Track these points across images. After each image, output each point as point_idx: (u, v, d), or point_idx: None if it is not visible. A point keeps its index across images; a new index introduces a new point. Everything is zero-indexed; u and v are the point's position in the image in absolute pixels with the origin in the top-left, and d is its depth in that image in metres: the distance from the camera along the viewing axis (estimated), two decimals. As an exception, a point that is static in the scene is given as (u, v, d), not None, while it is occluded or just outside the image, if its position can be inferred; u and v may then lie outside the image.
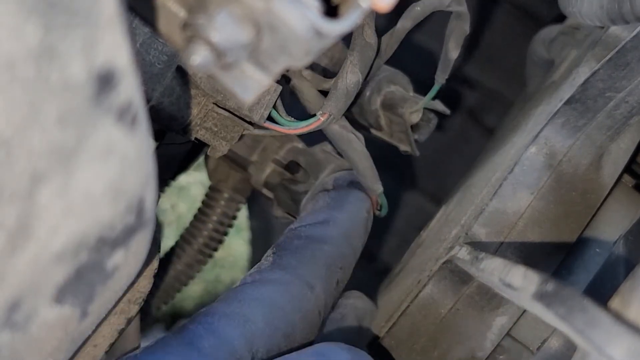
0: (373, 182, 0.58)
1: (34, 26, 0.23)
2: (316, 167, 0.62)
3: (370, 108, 0.60)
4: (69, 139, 0.26)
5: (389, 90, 0.60)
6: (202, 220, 0.74)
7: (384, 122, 0.61)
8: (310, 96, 0.49)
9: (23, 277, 0.28)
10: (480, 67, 1.03)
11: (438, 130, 0.69)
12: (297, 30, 0.27)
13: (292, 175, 0.63)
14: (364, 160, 0.56)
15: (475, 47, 1.02)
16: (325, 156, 0.62)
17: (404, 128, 0.60)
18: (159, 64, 0.38)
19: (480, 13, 1.01)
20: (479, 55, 1.02)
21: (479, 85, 1.03)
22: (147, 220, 0.34)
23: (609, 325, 0.31)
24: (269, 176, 0.64)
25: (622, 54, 0.46)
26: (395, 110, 0.59)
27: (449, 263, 0.51)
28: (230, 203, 0.72)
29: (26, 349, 0.31)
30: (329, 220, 0.55)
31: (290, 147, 0.64)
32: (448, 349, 0.51)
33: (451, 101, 0.61)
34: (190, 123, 0.43)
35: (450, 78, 0.60)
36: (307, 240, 0.53)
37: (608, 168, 0.52)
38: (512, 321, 0.50)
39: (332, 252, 0.53)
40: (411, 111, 0.59)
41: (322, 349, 0.46)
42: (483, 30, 1.01)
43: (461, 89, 1.03)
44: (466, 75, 1.02)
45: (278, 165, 0.64)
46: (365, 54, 0.46)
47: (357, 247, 0.57)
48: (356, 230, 0.57)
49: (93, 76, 0.26)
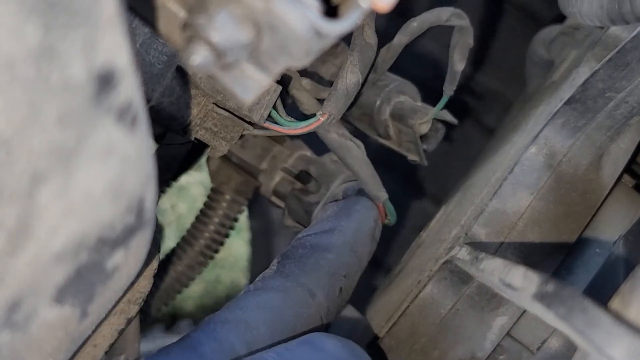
0: (376, 189, 0.58)
1: (34, 26, 0.23)
2: (327, 178, 0.62)
3: (380, 118, 0.60)
4: (69, 139, 0.26)
5: (398, 100, 0.60)
6: (203, 222, 0.74)
7: (392, 131, 0.61)
8: (310, 105, 0.49)
9: (23, 277, 0.28)
10: (480, 67, 1.03)
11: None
12: (297, 30, 0.27)
13: (304, 186, 0.63)
14: (365, 167, 0.56)
15: (475, 46, 1.01)
16: (336, 167, 0.62)
17: (413, 138, 0.60)
18: (159, 64, 0.38)
19: (480, 13, 1.01)
20: (479, 55, 1.02)
21: (479, 85, 1.03)
22: (147, 221, 0.34)
23: (609, 325, 0.31)
24: (278, 184, 0.65)
25: (622, 54, 0.46)
26: (404, 121, 0.59)
27: (449, 263, 0.51)
28: (232, 205, 0.72)
29: (26, 349, 0.31)
30: (334, 229, 0.55)
31: (299, 155, 0.64)
32: (448, 349, 0.51)
33: (451, 101, 0.61)
34: (190, 123, 0.43)
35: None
36: (312, 249, 0.54)
37: (608, 168, 0.52)
38: (512, 321, 0.50)
39: (336, 261, 0.53)
40: (421, 122, 0.59)
41: (312, 337, 0.46)
42: (483, 30, 1.01)
43: (461, 90, 1.03)
44: (466, 75, 1.02)
45: (288, 174, 0.64)
46: (365, 54, 0.46)
47: (362, 255, 0.57)
48: (362, 238, 0.57)
49: (93, 76, 0.26)
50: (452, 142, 1.03)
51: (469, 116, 1.04)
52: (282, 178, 0.64)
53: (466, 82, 1.02)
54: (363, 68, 0.46)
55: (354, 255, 0.55)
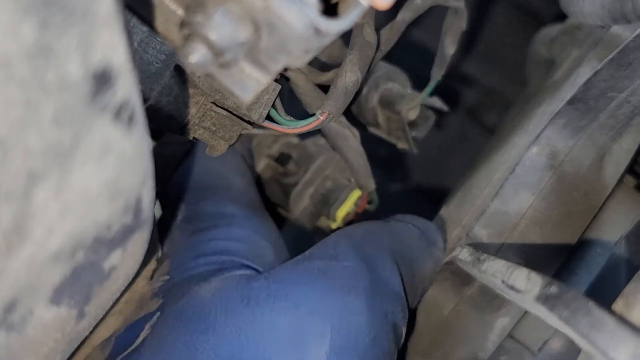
0: (366, 179, 0.58)
1: (30, 25, 0.23)
2: (307, 159, 0.62)
3: (368, 106, 0.60)
4: (65, 138, 0.26)
5: (386, 87, 0.60)
6: None
7: (381, 119, 0.61)
8: (306, 89, 0.48)
9: (19, 277, 0.28)
10: (480, 66, 1.03)
11: (438, 129, 0.69)
12: (296, 28, 0.26)
13: (284, 168, 0.63)
14: (359, 157, 0.56)
15: (475, 46, 1.01)
16: (317, 149, 0.62)
17: (401, 125, 0.60)
18: (157, 63, 0.38)
19: (480, 12, 1.01)
20: (479, 54, 1.02)
21: (479, 84, 1.03)
22: (144, 221, 0.33)
23: (613, 328, 0.31)
24: (263, 171, 0.64)
25: (625, 54, 0.45)
26: (392, 107, 0.59)
27: (450, 264, 0.51)
28: None
29: (22, 350, 0.31)
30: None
31: (284, 142, 0.64)
32: (450, 349, 0.51)
33: (451, 100, 0.61)
34: (188, 122, 0.42)
35: (450, 77, 0.60)
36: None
37: (610, 168, 0.51)
38: (514, 322, 0.50)
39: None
40: (408, 108, 0.59)
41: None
42: (483, 29, 1.01)
43: (461, 87, 1.03)
44: (466, 74, 1.02)
45: (271, 159, 0.64)
46: (364, 52, 0.46)
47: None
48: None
49: (89, 75, 0.25)
50: (452, 141, 1.03)
51: (469, 115, 1.04)
52: (267, 165, 0.64)
53: (466, 80, 1.02)
54: (362, 67, 0.46)
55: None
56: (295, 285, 0.41)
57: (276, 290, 0.40)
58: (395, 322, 0.42)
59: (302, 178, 0.61)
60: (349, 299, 0.40)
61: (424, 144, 0.64)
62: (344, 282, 0.41)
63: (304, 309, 0.39)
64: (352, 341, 0.39)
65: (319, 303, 0.39)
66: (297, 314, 0.38)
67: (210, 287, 0.42)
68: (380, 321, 0.41)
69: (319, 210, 0.62)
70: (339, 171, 0.62)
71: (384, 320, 0.41)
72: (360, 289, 0.41)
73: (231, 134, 0.44)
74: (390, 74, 0.61)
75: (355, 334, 0.39)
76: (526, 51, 0.79)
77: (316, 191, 0.62)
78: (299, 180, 0.61)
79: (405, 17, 0.51)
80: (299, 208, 0.62)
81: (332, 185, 0.62)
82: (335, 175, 0.62)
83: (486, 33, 1.01)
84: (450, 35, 0.56)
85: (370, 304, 0.41)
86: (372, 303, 0.41)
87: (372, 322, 0.40)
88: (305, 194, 0.62)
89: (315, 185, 0.62)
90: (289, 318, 0.38)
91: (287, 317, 0.38)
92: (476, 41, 1.01)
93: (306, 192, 0.62)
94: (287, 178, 0.62)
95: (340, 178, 0.62)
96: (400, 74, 0.62)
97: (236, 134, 0.45)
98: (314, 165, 0.61)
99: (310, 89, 0.48)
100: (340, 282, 0.41)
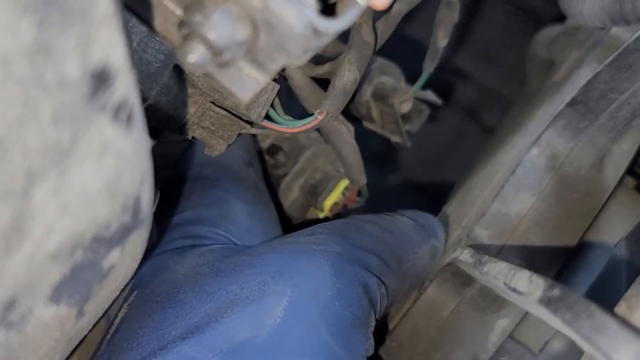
0: (358, 174, 0.59)
1: (29, 24, 0.23)
2: (297, 151, 0.62)
3: (362, 99, 0.60)
4: (64, 137, 0.26)
5: (379, 81, 0.60)
6: None
7: (375, 113, 0.61)
8: (302, 83, 0.48)
9: (18, 276, 0.28)
10: (479, 66, 1.03)
11: (435, 126, 0.69)
12: (294, 28, 0.26)
13: (274, 159, 0.63)
14: (352, 152, 0.56)
15: (474, 45, 1.01)
16: (307, 141, 0.62)
17: (394, 119, 0.60)
18: (156, 62, 0.38)
19: (479, 12, 1.01)
20: (478, 54, 1.02)
21: (478, 84, 1.03)
22: (143, 220, 0.33)
23: (616, 331, 0.31)
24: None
25: (625, 56, 0.45)
26: (385, 100, 0.59)
27: (451, 265, 0.51)
28: None
29: (22, 349, 0.31)
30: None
31: (277, 135, 0.64)
32: (450, 350, 0.50)
33: (450, 100, 0.61)
34: (187, 122, 0.42)
35: (449, 76, 0.60)
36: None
37: (610, 170, 0.51)
38: (514, 323, 0.50)
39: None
40: (401, 101, 0.59)
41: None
42: (482, 29, 1.01)
43: (459, 86, 1.03)
44: (465, 74, 1.02)
45: (264, 153, 0.64)
46: (362, 52, 0.46)
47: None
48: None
49: (88, 74, 0.25)
50: (451, 141, 1.02)
51: (467, 113, 1.03)
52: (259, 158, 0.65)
53: (464, 78, 1.02)
54: (360, 66, 0.46)
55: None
56: (264, 254, 0.43)
57: (245, 260, 0.42)
58: (367, 285, 0.43)
59: (292, 169, 0.61)
60: (314, 259, 0.42)
61: (422, 141, 0.64)
62: (313, 248, 0.43)
63: (267, 274, 0.41)
64: (312, 294, 0.40)
65: (284, 266, 0.41)
66: (261, 277, 0.40)
67: (184, 263, 0.44)
68: (349, 279, 0.42)
69: (308, 202, 0.62)
70: (329, 163, 0.62)
71: (352, 280, 0.42)
72: (331, 253, 0.43)
73: (230, 134, 0.44)
74: (383, 67, 0.61)
75: (317, 286, 0.40)
76: (525, 51, 0.79)
77: (306, 182, 0.62)
78: (288, 172, 0.61)
79: (401, 9, 0.51)
80: (288, 200, 0.62)
81: (322, 176, 0.62)
82: (325, 167, 0.62)
83: (485, 33, 1.01)
84: (443, 27, 0.56)
85: (337, 265, 0.42)
86: (340, 265, 0.42)
87: (337, 278, 0.41)
88: (295, 185, 0.62)
89: (305, 176, 0.62)
90: (254, 282, 0.40)
91: (253, 282, 0.40)
92: (476, 41, 1.01)
93: (295, 183, 0.62)
94: (277, 170, 0.62)
95: (331, 169, 0.62)
96: (394, 68, 0.62)
97: (235, 134, 0.45)
98: (303, 157, 0.61)
99: (306, 82, 0.48)
100: (309, 247, 0.43)
